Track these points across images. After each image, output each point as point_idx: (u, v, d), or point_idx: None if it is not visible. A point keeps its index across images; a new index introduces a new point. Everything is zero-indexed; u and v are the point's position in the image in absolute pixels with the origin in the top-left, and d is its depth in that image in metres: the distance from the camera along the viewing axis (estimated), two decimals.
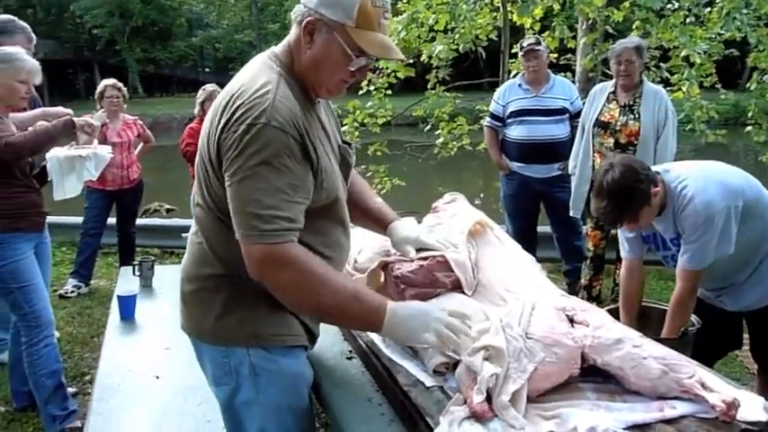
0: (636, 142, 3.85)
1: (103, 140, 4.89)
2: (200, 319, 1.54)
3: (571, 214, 4.21)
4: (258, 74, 1.44)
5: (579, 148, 4.13)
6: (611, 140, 3.93)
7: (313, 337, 1.66)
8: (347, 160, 1.62)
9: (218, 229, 1.48)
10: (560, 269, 4.96)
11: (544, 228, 5.02)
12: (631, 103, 3.93)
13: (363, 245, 2.19)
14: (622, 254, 2.61)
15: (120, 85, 5.15)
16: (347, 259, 1.71)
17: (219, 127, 1.38)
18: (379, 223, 1.86)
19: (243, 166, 1.33)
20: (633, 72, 3.87)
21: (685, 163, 2.42)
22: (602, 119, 3.98)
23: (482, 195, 11.59)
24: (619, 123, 3.91)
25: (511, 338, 1.49)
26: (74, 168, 3.13)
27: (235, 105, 1.37)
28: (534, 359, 1.45)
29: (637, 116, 3.88)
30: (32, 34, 3.51)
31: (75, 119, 3.08)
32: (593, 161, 4.04)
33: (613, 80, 4.05)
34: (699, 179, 2.27)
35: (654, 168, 2.35)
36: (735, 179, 2.30)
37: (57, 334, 3.67)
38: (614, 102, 3.98)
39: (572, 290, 4.48)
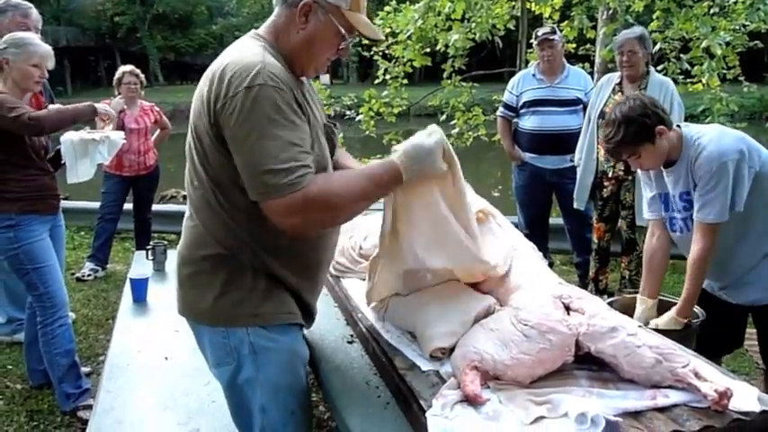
0: None
1: (121, 126, 4.97)
2: (199, 302, 1.57)
3: (575, 206, 4.20)
4: (242, 49, 1.50)
5: (585, 139, 4.11)
6: None
7: (311, 315, 1.69)
8: (332, 139, 1.66)
9: (213, 209, 1.51)
10: (572, 261, 4.95)
11: (556, 220, 5.02)
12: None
13: (369, 231, 2.23)
14: (645, 215, 2.58)
15: (138, 71, 5.22)
16: (337, 231, 1.73)
17: (213, 99, 1.42)
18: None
19: (252, 128, 1.36)
20: (637, 63, 3.83)
21: (709, 125, 2.41)
22: (607, 110, 3.93)
23: (500, 187, 11.54)
24: None
25: (506, 322, 1.51)
26: (87, 152, 3.20)
27: (227, 76, 1.41)
28: (528, 345, 1.47)
29: None
30: (33, 11, 3.48)
31: (96, 105, 3.17)
32: (598, 153, 4.02)
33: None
34: (716, 132, 2.28)
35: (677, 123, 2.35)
36: (756, 144, 2.28)
37: (72, 315, 3.77)
38: (620, 93, 3.95)
39: (583, 282, 4.47)
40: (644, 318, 2.44)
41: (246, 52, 1.46)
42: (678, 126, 2.34)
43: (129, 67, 5.24)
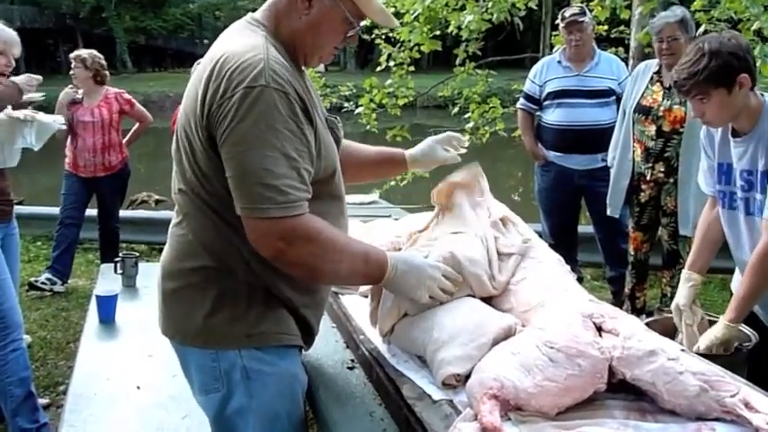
0: (681, 130, 3.83)
1: (71, 120, 4.98)
2: (186, 320, 1.59)
3: (608, 213, 4.22)
4: (241, 38, 1.53)
5: (619, 136, 4.13)
6: (653, 128, 3.91)
7: (311, 336, 1.71)
8: (336, 134, 1.70)
9: (205, 216, 1.54)
10: (605, 275, 4.96)
11: (586, 228, 5.04)
12: None
13: (372, 239, 2.25)
14: (704, 188, 2.56)
15: (86, 54, 5.14)
16: None
17: (209, 97, 1.45)
18: (389, 160, 2.07)
19: (246, 134, 1.40)
20: (678, 50, 3.80)
21: None
22: (644, 103, 3.96)
23: (521, 190, 11.57)
24: (662, 108, 3.89)
25: (529, 344, 1.53)
26: (14, 134, 3.15)
27: (224, 71, 1.44)
28: (555, 371, 1.49)
29: (683, 100, 3.86)
30: None
31: (16, 79, 3.13)
32: (634, 152, 4.04)
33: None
34: None
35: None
36: None
37: (27, 338, 3.79)
38: (658, 83, 3.97)
39: (618, 299, 4.48)
40: (688, 299, 2.43)
41: (247, 44, 1.49)
42: (762, 95, 2.28)
43: (77, 52, 5.22)
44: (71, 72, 5.13)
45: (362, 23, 1.61)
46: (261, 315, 1.57)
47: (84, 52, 5.20)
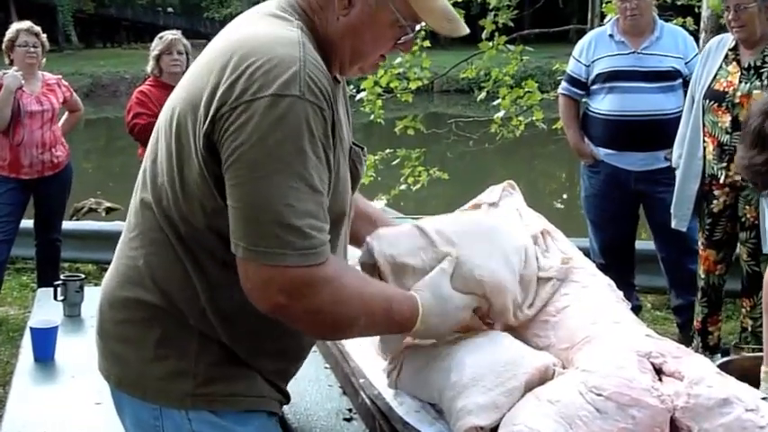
0: None
1: (17, 110, 5.03)
2: (122, 362, 1.58)
3: (673, 226, 4.21)
4: (270, 26, 1.47)
5: (686, 129, 4.13)
6: (728, 118, 3.91)
7: (284, 395, 1.70)
8: (357, 169, 1.65)
9: (165, 242, 1.51)
10: (669, 304, 4.96)
11: (645, 244, 5.03)
12: (759, 63, 3.92)
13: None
14: None
15: (38, 29, 5.23)
16: None
17: (220, 95, 1.38)
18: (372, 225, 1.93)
19: (268, 156, 1.35)
20: (750, 21, 3.83)
21: None
22: (717, 87, 3.97)
23: (564, 197, 11.58)
24: (739, 93, 3.90)
25: (571, 390, 1.53)
26: None
27: (246, 66, 1.38)
28: (603, 424, 1.49)
29: (766, 83, 3.87)
30: None
31: None
32: (705, 149, 4.04)
33: None
34: None
35: None
36: None
37: None
38: (735, 62, 3.98)
39: (686, 334, 4.48)
40: None
41: (278, 35, 1.43)
42: None
43: (25, 24, 5.28)
44: (17, 49, 5.16)
45: (419, 27, 1.54)
46: (215, 370, 1.54)
47: (35, 26, 5.26)
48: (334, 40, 1.52)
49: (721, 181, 4.04)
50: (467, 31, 1.57)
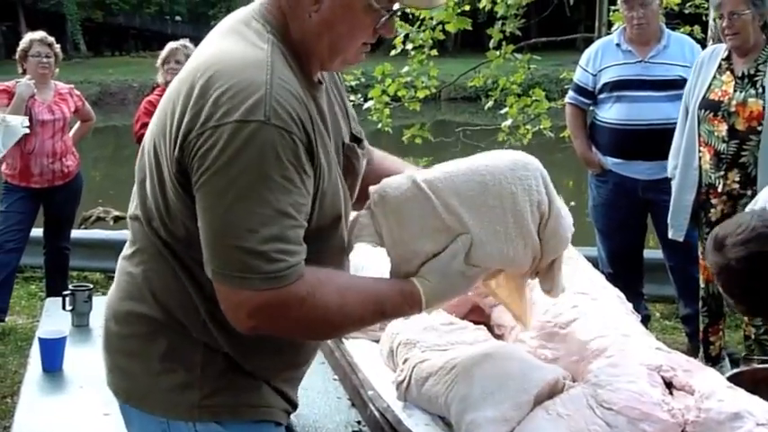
0: (759, 129, 3.81)
1: (29, 119, 5.05)
2: (129, 377, 1.58)
3: (670, 236, 4.20)
4: (239, 43, 1.46)
5: (681, 139, 4.12)
6: (724, 127, 3.89)
7: (291, 404, 1.69)
8: (354, 167, 1.64)
9: (160, 258, 1.52)
10: (678, 314, 4.94)
11: (654, 253, 5.01)
12: (752, 72, 3.91)
13: (364, 265, 2.23)
14: None
15: (52, 40, 5.29)
16: None
17: (186, 122, 1.38)
18: None
19: (232, 183, 1.35)
20: (743, 28, 3.80)
21: None
22: (712, 97, 3.95)
23: (572, 204, 11.53)
24: (734, 102, 3.88)
25: (581, 404, 1.53)
26: None
27: (211, 91, 1.37)
28: None
29: (760, 91, 3.85)
30: None
31: None
32: (701, 158, 4.03)
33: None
34: None
35: None
36: None
37: None
38: (728, 72, 3.96)
39: (694, 343, 4.46)
40: None
41: (246, 55, 1.42)
42: None
43: (39, 35, 5.32)
44: (30, 59, 5.19)
45: (396, 7, 1.50)
46: (218, 384, 1.54)
47: (48, 37, 5.28)
48: (310, 38, 1.49)
49: (719, 190, 4.03)
50: (442, 1, 1.54)
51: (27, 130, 3.69)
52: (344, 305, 1.49)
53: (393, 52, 7.16)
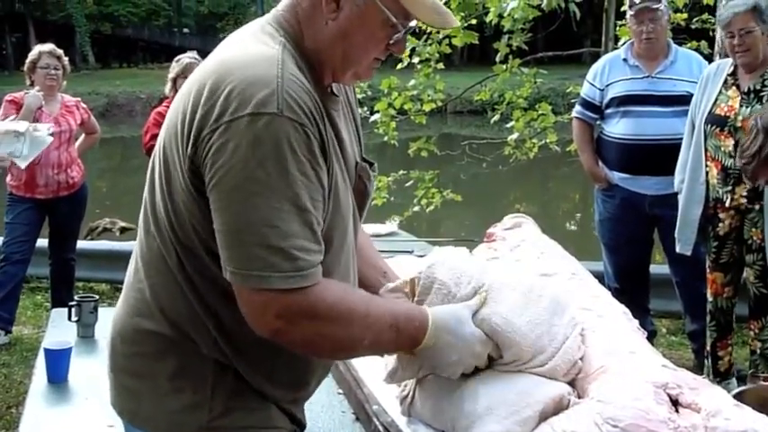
0: None
1: None
2: (137, 397, 1.56)
3: (678, 250, 4.20)
4: (250, 44, 1.47)
5: (687, 154, 4.13)
6: (731, 142, 3.90)
7: (299, 424, 1.68)
8: (365, 187, 1.63)
9: (168, 272, 1.50)
10: (684, 329, 4.92)
11: (660, 268, 5.01)
12: (758, 87, 3.92)
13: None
14: None
15: (60, 52, 5.33)
16: None
17: (198, 120, 1.38)
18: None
19: (248, 177, 1.33)
20: (754, 45, 3.83)
21: None
22: (718, 112, 3.97)
23: (578, 216, 11.55)
24: (740, 117, 3.89)
25: (586, 421, 1.52)
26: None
27: (222, 88, 1.37)
28: None
29: (766, 106, 3.86)
30: None
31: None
32: (708, 173, 4.03)
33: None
34: None
35: None
36: None
37: None
38: (734, 87, 3.98)
39: (700, 359, 4.44)
40: None
41: (256, 53, 1.43)
42: None
43: (47, 47, 5.36)
44: (38, 71, 5.22)
45: (411, 25, 1.51)
46: (228, 404, 1.52)
47: (57, 49, 5.32)
48: (324, 47, 1.50)
49: (727, 204, 4.03)
50: (457, 23, 1.56)
51: (52, 138, 3.68)
52: (369, 314, 1.49)
53: (400, 66, 7.17)
